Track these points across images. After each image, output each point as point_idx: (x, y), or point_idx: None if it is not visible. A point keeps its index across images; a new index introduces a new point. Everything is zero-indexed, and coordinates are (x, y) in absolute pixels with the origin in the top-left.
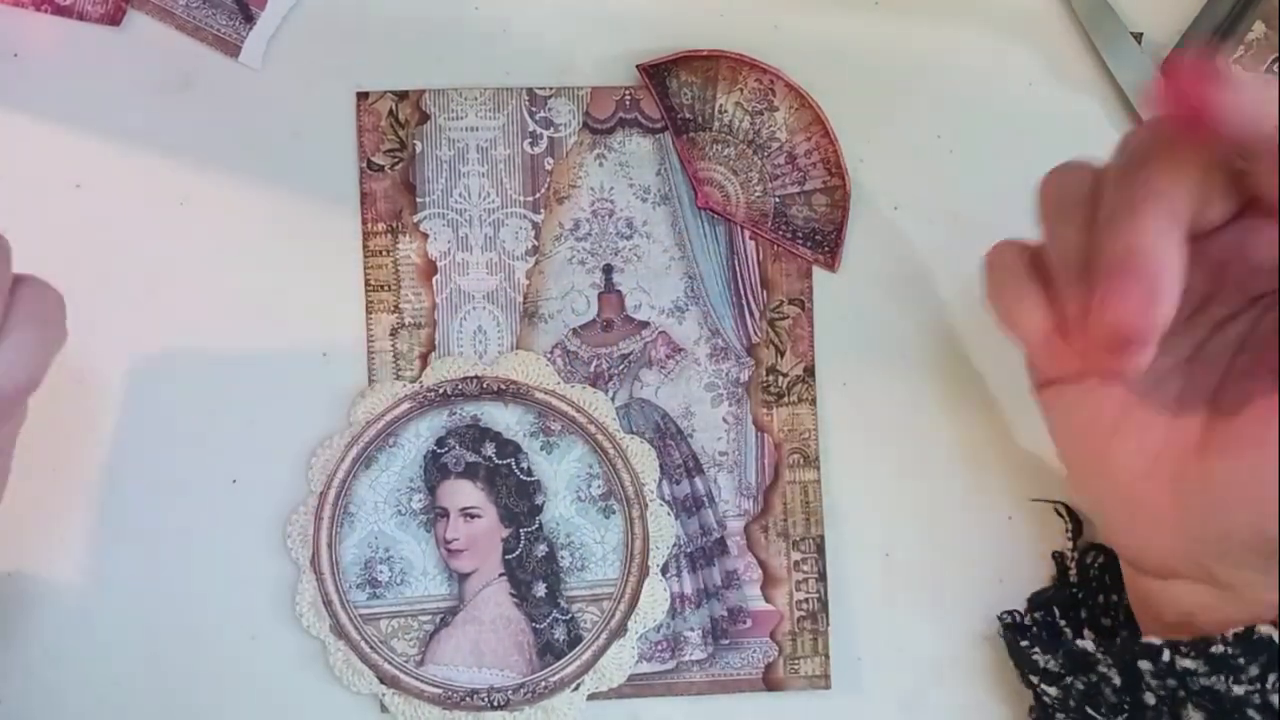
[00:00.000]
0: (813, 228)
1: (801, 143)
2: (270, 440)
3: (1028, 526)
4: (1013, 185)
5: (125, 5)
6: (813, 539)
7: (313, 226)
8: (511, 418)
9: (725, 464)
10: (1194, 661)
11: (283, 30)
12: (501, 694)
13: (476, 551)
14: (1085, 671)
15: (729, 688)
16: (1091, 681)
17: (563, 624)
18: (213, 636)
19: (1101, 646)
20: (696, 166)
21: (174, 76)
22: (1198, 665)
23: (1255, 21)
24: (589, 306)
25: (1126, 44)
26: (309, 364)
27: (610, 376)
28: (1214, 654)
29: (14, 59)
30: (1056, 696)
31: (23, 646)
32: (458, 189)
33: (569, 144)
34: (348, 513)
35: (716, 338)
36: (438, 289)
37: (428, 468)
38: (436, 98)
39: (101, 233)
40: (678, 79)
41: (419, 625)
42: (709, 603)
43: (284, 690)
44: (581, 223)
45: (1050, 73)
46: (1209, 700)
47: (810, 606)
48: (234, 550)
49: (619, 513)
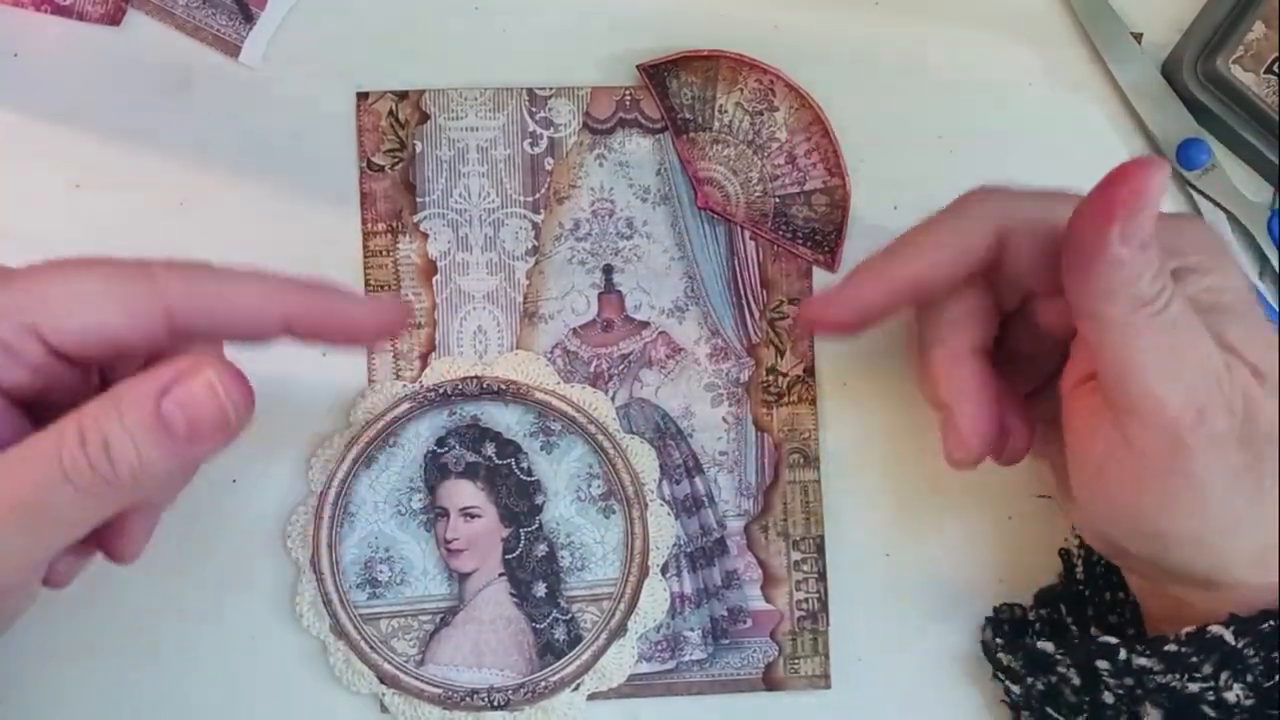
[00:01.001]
0: (813, 228)
1: (801, 143)
2: (270, 440)
3: (1028, 526)
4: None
5: (125, 5)
6: (813, 539)
7: (313, 226)
8: (511, 418)
9: (725, 464)
10: (1149, 660)
11: (283, 30)
12: (501, 694)
13: (476, 551)
14: (1045, 672)
15: (729, 688)
16: (1051, 683)
17: (563, 624)
18: (213, 636)
19: (1061, 649)
20: (696, 166)
21: (174, 76)
22: (1153, 664)
23: (1255, 21)
24: (589, 306)
25: (1126, 44)
26: (309, 364)
27: (610, 376)
28: (1168, 652)
29: (14, 59)
30: (1019, 695)
31: (23, 646)
32: (458, 189)
33: (569, 144)
34: (348, 513)
35: (716, 338)
36: (438, 289)
37: (428, 468)
38: (436, 98)
39: (101, 233)
40: (678, 79)
41: (419, 625)
42: (709, 603)
43: (284, 690)
44: (581, 223)
45: (1050, 73)
46: (1165, 698)
47: (810, 606)
48: (234, 550)
49: (619, 513)
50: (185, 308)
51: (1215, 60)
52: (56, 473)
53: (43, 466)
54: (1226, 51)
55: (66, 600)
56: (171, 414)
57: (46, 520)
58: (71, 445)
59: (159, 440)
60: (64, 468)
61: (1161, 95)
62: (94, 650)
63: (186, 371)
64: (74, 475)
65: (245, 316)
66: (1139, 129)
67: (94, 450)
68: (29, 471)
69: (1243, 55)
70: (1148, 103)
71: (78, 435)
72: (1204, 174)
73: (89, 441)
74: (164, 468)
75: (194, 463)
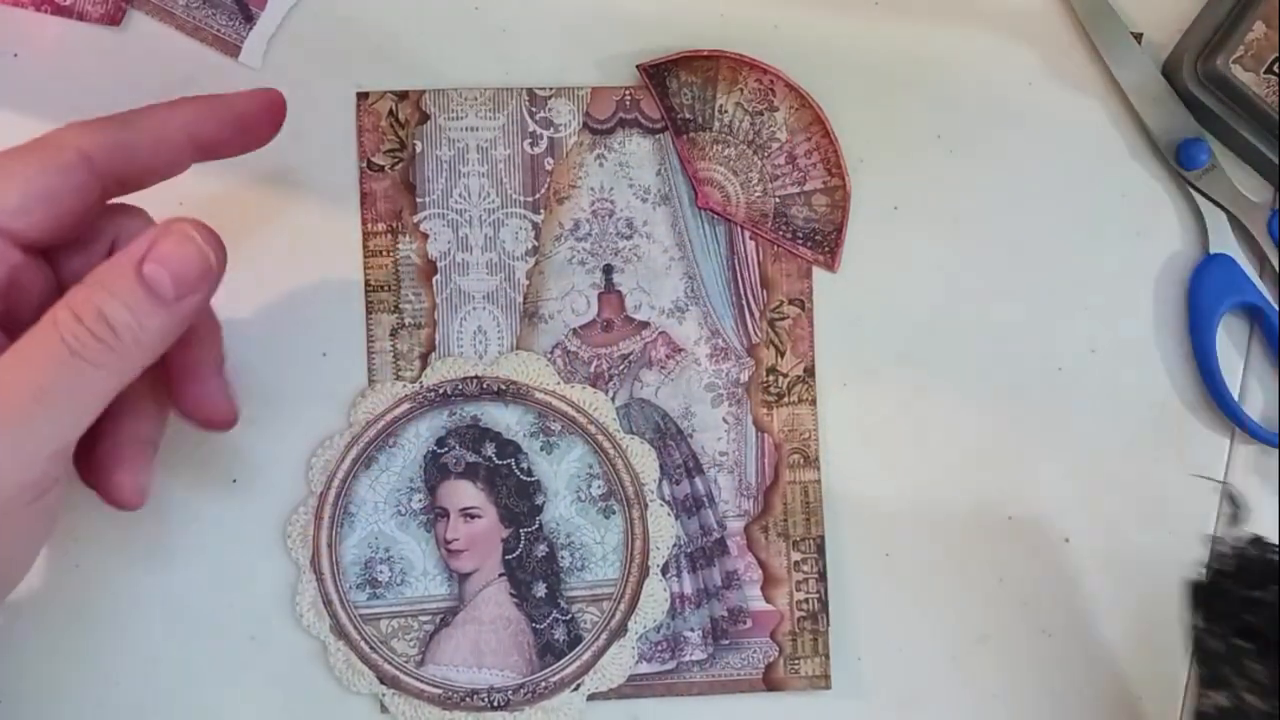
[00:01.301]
0: (813, 228)
1: (801, 143)
2: (270, 440)
3: (1027, 526)
4: (1013, 185)
5: (125, 5)
6: (813, 539)
7: (313, 226)
8: (511, 418)
9: (725, 464)
10: None
11: (283, 30)
12: (501, 694)
13: (476, 552)
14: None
15: (729, 688)
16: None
17: (563, 624)
18: (213, 636)
19: None
20: (696, 166)
21: (174, 76)
22: None
23: (1255, 21)
24: (589, 306)
25: (1126, 44)
26: (309, 364)
27: (610, 376)
28: None
29: (14, 59)
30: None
31: (21, 647)
32: (458, 189)
33: (569, 144)
34: (348, 513)
35: (716, 338)
36: (438, 289)
37: (428, 468)
38: (436, 98)
39: None
40: (678, 79)
41: (419, 625)
42: (709, 603)
43: (284, 690)
44: (581, 223)
45: (1050, 73)
46: None
47: (810, 606)
48: (234, 550)
49: (619, 513)
50: (103, 156)
51: (1215, 60)
52: (63, 352)
53: (48, 351)
54: (1227, 51)
55: (65, 600)
56: (156, 275)
57: (65, 400)
58: (69, 324)
59: (150, 303)
60: (69, 345)
61: (1161, 95)
62: (93, 650)
63: (159, 233)
64: (81, 349)
65: (154, 146)
66: (1139, 129)
67: (93, 323)
68: (36, 359)
69: (1243, 55)
70: (1148, 103)
71: (71, 315)
72: (1204, 174)
73: (85, 316)
74: (160, 327)
75: (186, 319)
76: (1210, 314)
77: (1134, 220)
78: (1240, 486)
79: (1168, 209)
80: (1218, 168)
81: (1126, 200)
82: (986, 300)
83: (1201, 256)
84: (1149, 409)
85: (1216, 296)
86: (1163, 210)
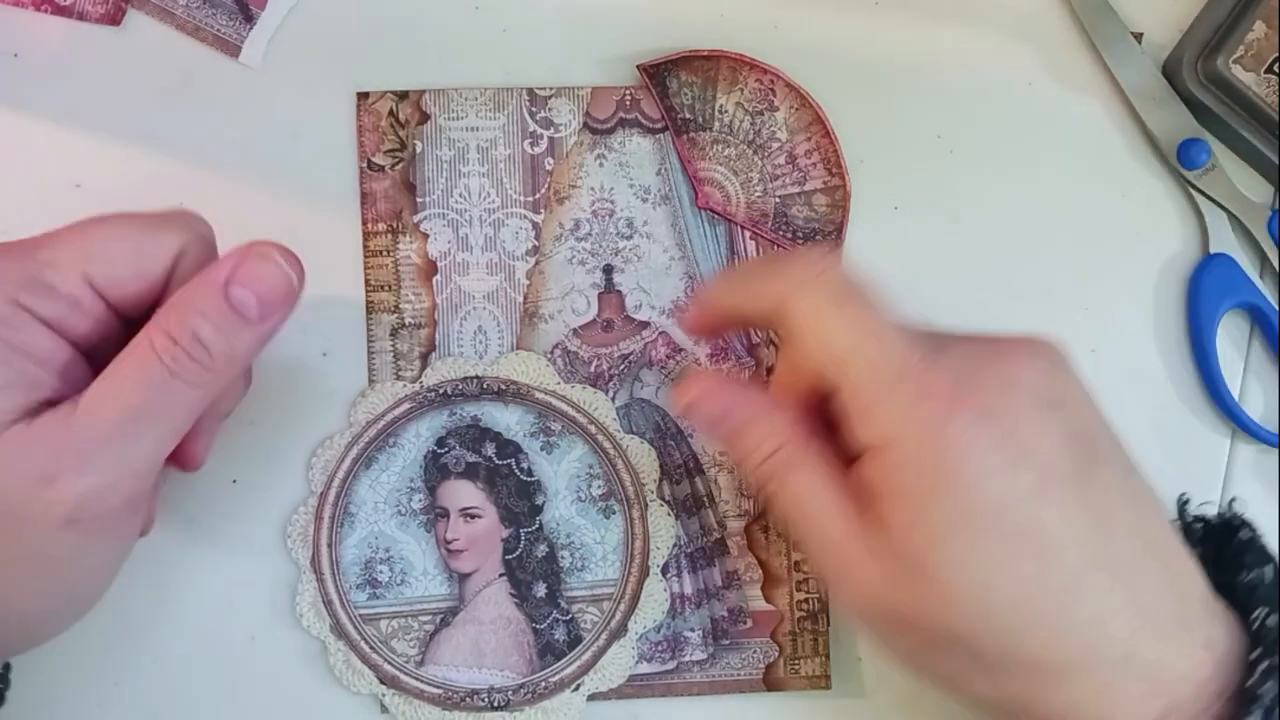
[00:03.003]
0: (813, 228)
1: (801, 143)
2: (270, 440)
3: None
4: (1013, 185)
5: (125, 5)
6: None
7: (313, 226)
8: (512, 418)
9: (725, 464)
10: None
11: (283, 30)
12: (501, 694)
13: (476, 552)
14: None
15: (729, 688)
16: None
17: (563, 624)
18: (213, 636)
19: None
20: (696, 166)
21: (174, 76)
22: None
23: (1255, 21)
24: (589, 306)
25: (1126, 44)
26: (309, 364)
27: (610, 376)
28: None
29: (14, 59)
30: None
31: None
32: (458, 189)
33: (569, 144)
34: (348, 513)
35: (717, 338)
36: (438, 289)
37: (428, 468)
38: (436, 98)
39: None
40: (678, 79)
41: (419, 625)
42: (709, 603)
43: (284, 690)
44: (582, 223)
45: (1050, 73)
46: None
47: (810, 607)
48: (234, 550)
49: (619, 513)
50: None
51: (1215, 60)
52: (163, 374)
53: (147, 373)
54: (1227, 51)
55: None
56: (242, 297)
57: (164, 417)
58: (167, 347)
59: (237, 324)
60: (168, 366)
61: (1161, 95)
62: (93, 650)
63: (242, 255)
64: (180, 371)
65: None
66: (1139, 129)
67: (189, 345)
68: (135, 381)
69: (1243, 55)
70: (1148, 103)
71: (168, 338)
72: (1204, 174)
73: (181, 339)
74: (247, 345)
75: (269, 336)
76: (1210, 314)
77: (1134, 220)
78: (1240, 487)
79: (1168, 209)
80: (1218, 168)
81: (1126, 200)
82: (987, 300)
83: (1201, 256)
84: (1149, 409)
85: (1216, 296)
86: (1163, 210)
